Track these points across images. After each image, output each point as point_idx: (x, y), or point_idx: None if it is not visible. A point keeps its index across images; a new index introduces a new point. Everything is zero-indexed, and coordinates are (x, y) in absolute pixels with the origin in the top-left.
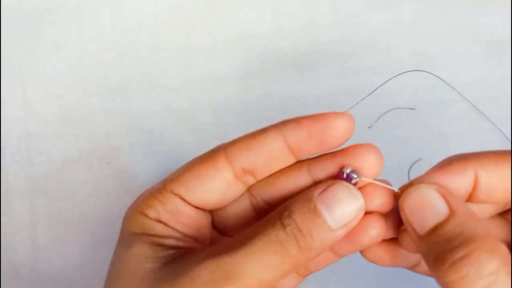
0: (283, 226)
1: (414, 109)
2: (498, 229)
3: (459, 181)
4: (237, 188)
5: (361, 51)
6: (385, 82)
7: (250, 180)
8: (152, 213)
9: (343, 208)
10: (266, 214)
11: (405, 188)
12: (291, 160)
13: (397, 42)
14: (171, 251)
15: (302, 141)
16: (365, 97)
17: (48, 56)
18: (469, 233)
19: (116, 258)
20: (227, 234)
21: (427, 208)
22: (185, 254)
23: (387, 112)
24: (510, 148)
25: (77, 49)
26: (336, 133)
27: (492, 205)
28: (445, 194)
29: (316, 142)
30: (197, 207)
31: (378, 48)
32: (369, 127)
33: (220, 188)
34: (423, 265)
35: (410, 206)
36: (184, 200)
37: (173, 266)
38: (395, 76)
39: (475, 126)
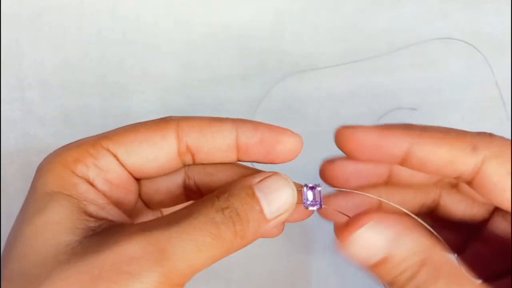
0: (221, 209)
1: (415, 109)
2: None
3: (392, 148)
4: (175, 164)
5: (361, 51)
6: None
7: (188, 160)
8: (79, 169)
9: (279, 199)
10: (194, 197)
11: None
12: (232, 157)
13: (397, 42)
14: (92, 223)
15: (252, 145)
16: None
17: (47, 56)
18: (410, 258)
19: (25, 223)
20: (152, 206)
21: (369, 249)
22: (108, 228)
23: (388, 112)
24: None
25: (76, 49)
26: (285, 149)
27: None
28: (383, 233)
29: (264, 150)
30: (129, 172)
31: (378, 48)
32: None
33: (161, 158)
34: None
35: (354, 253)
36: (119, 161)
37: (96, 239)
38: None
39: (476, 126)
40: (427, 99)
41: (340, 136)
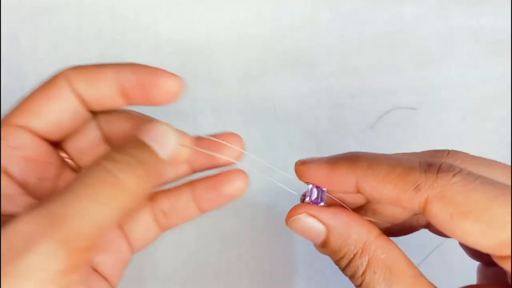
0: (114, 159)
1: (415, 108)
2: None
3: (341, 184)
4: (83, 113)
5: (361, 50)
6: None
7: (92, 108)
8: None
9: (166, 139)
10: None
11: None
12: (121, 103)
13: (397, 42)
14: None
15: (131, 87)
16: None
17: (47, 56)
18: (347, 246)
19: None
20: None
21: (309, 231)
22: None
23: (388, 111)
24: (510, 149)
25: (76, 48)
26: (163, 92)
27: None
28: (317, 214)
29: (143, 93)
30: (46, 138)
31: (378, 48)
32: (371, 127)
33: (67, 112)
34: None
35: (297, 231)
36: (32, 131)
37: None
38: None
39: (476, 126)
40: (427, 99)
41: (297, 171)
